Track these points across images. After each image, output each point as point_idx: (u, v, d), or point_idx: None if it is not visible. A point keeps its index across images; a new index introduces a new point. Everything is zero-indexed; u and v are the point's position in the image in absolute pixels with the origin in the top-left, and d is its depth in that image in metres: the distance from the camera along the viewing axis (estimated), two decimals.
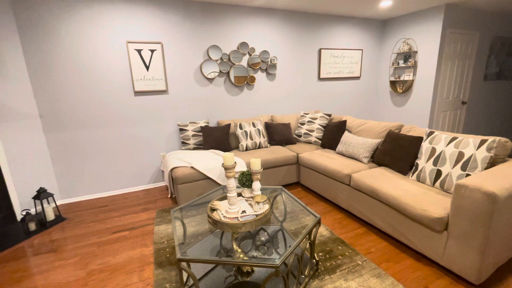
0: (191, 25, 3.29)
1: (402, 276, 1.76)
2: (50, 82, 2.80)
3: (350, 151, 2.86)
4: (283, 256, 1.34)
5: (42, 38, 2.70)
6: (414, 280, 1.72)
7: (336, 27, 4.26)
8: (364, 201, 2.33)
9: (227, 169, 1.63)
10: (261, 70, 3.82)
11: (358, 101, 4.80)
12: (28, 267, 2.04)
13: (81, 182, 3.13)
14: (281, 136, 3.54)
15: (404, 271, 1.81)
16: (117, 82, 3.07)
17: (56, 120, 2.90)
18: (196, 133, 3.35)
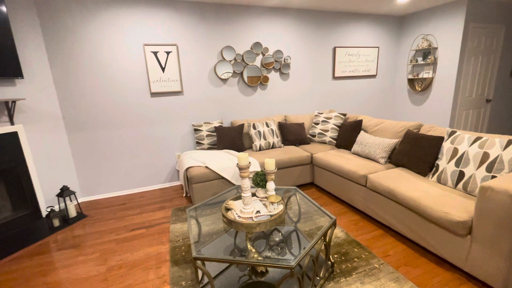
0: (205, 27, 3.33)
1: (422, 281, 1.70)
2: (71, 84, 2.92)
3: (366, 151, 2.80)
4: (298, 257, 1.32)
5: (64, 43, 2.82)
6: (434, 285, 1.66)
7: (351, 25, 4.17)
8: (381, 203, 2.27)
9: (242, 169, 1.63)
10: (274, 70, 3.81)
11: (374, 100, 4.69)
12: (52, 261, 2.14)
13: (100, 180, 3.25)
14: (295, 136, 3.51)
15: (423, 276, 1.74)
16: (134, 84, 3.16)
17: (77, 121, 3.02)
18: (210, 133, 3.39)
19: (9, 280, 1.93)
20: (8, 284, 1.88)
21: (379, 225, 2.37)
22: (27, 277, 1.94)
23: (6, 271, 2.04)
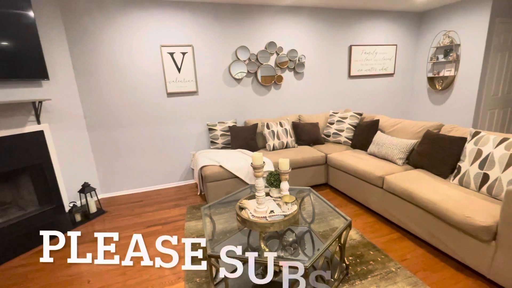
0: (220, 27, 3.37)
1: (442, 287, 1.64)
2: (92, 85, 3.05)
3: (383, 152, 2.73)
4: (313, 258, 1.32)
5: (86, 45, 2.94)
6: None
7: (368, 23, 4.07)
8: (399, 205, 2.21)
9: (256, 168, 1.64)
10: (288, 69, 3.79)
11: (391, 99, 4.56)
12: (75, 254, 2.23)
13: (119, 178, 3.37)
14: (309, 136, 3.48)
15: (443, 282, 1.68)
16: (151, 84, 3.24)
17: (97, 120, 3.15)
18: (224, 133, 3.42)
19: (36, 271, 2.04)
20: (35, 275, 2.00)
21: (396, 228, 2.31)
22: (52, 269, 2.04)
23: (32, 262, 2.16)
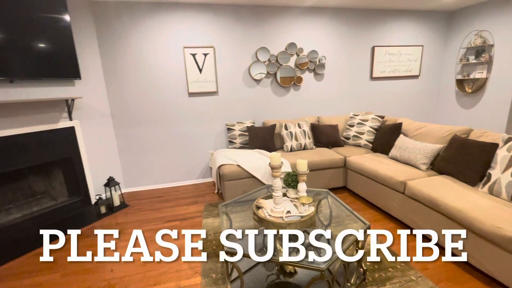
0: (241, 29, 3.42)
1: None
2: (119, 84, 3.20)
3: (405, 157, 2.63)
4: (330, 260, 1.30)
5: (115, 47, 3.10)
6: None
7: (392, 23, 3.95)
8: (421, 212, 2.12)
9: (274, 168, 1.65)
10: (308, 70, 3.76)
11: (416, 102, 4.38)
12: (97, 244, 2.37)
13: (141, 173, 3.51)
14: (328, 138, 3.43)
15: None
16: (174, 84, 3.35)
17: (123, 118, 3.30)
18: (242, 133, 3.46)
19: (64, 257, 2.18)
20: (63, 261, 2.13)
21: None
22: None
23: (60, 249, 2.30)
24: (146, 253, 2.15)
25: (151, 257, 2.08)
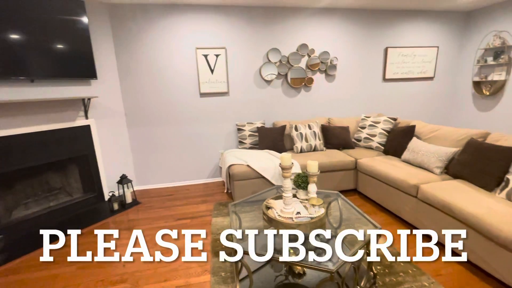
0: (253, 30, 3.44)
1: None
2: (133, 84, 3.28)
3: (418, 160, 2.58)
4: (339, 262, 1.30)
5: (129, 48, 3.18)
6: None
7: (406, 24, 3.88)
8: (434, 216, 2.08)
9: (284, 169, 1.65)
10: (320, 71, 3.74)
11: (430, 104, 4.28)
12: (112, 239, 2.43)
13: (152, 172, 3.58)
14: (339, 139, 3.40)
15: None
16: (186, 85, 3.41)
17: (136, 117, 3.38)
18: (252, 133, 3.48)
19: (78, 252, 2.25)
20: (78, 254, 2.20)
21: (430, 239, 2.17)
22: (92, 251, 2.23)
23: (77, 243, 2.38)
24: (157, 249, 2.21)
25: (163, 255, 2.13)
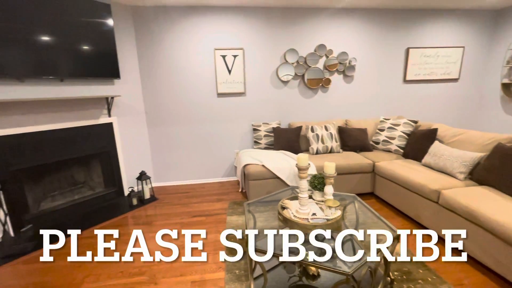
0: (271, 30, 3.45)
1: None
2: (153, 84, 3.39)
3: (440, 164, 2.48)
4: (356, 265, 1.28)
5: (151, 48, 3.29)
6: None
7: (430, 23, 3.74)
8: (457, 224, 1.99)
9: (301, 169, 1.65)
10: (337, 72, 3.69)
11: (454, 107, 4.10)
12: (130, 233, 2.51)
13: (170, 169, 3.68)
14: (356, 141, 3.33)
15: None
16: (204, 85, 3.48)
17: (155, 116, 3.49)
18: (268, 134, 3.49)
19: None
20: (96, 247, 2.29)
21: (452, 248, 2.08)
22: (116, 243, 2.33)
23: (97, 235, 2.49)
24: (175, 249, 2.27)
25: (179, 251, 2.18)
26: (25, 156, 2.46)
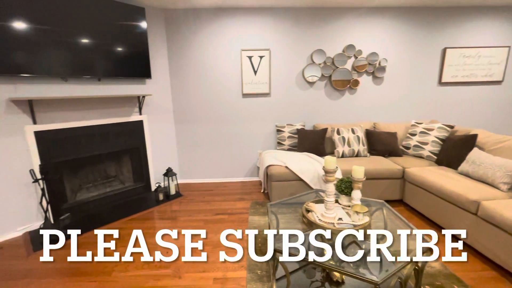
0: (298, 31, 3.42)
1: None
2: (182, 84, 3.50)
3: (480, 173, 2.30)
4: (387, 275, 1.22)
5: (180, 49, 3.40)
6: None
7: (470, 21, 3.49)
8: (499, 239, 1.83)
9: (328, 173, 1.61)
10: (366, 73, 3.56)
11: (496, 111, 3.78)
12: (155, 227, 2.64)
13: (194, 167, 3.78)
14: (384, 146, 3.19)
15: None
16: (230, 85, 3.53)
17: (183, 114, 3.60)
18: (292, 135, 3.45)
19: (127, 235, 2.47)
20: (125, 238, 2.41)
21: (491, 265, 1.92)
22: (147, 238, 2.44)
23: (126, 227, 2.62)
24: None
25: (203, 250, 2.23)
26: (66, 150, 2.65)
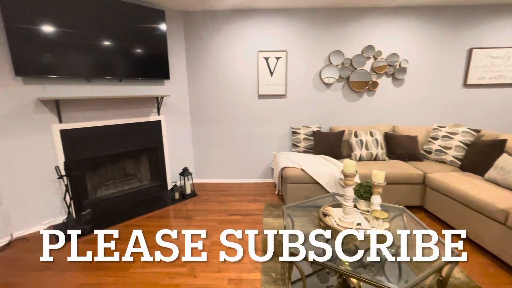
0: (315, 32, 3.38)
1: None
2: (198, 85, 3.55)
3: (509, 180, 2.17)
4: (408, 284, 1.17)
5: (198, 51, 3.45)
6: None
7: (498, 20, 3.31)
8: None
9: (347, 176, 1.58)
10: (386, 75, 3.46)
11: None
12: (171, 225, 2.69)
13: (210, 167, 3.82)
14: (404, 150, 3.09)
15: None
16: (246, 87, 3.54)
17: (199, 115, 3.65)
18: (307, 137, 3.41)
19: (144, 232, 2.53)
20: (145, 235, 2.47)
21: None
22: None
23: (143, 224, 2.69)
24: (211, 240, 2.33)
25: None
26: (87, 148, 2.76)
